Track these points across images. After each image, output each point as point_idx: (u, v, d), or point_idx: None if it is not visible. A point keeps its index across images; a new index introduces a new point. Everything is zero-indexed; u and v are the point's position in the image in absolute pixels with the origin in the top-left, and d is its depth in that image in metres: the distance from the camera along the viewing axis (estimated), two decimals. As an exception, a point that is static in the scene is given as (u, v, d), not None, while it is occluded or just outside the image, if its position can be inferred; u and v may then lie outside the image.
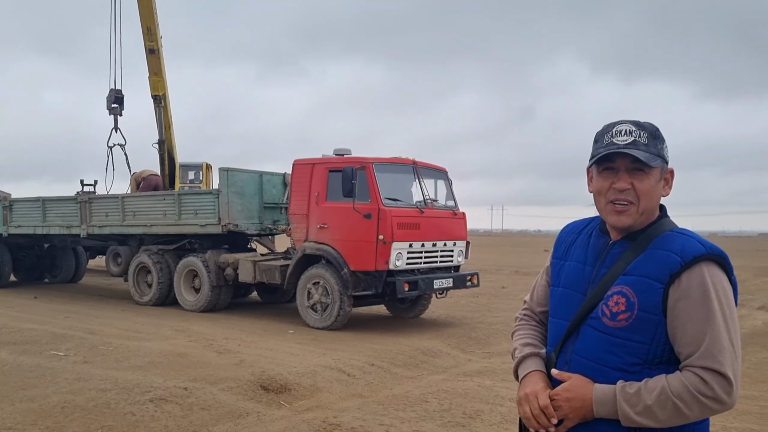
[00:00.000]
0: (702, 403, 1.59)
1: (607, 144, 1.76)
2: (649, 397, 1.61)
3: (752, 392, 6.27)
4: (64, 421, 4.98)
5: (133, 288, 12.33)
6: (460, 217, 10.62)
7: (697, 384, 1.59)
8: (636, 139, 1.74)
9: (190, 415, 5.29)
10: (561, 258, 1.96)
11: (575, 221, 2.04)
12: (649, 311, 1.67)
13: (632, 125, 1.76)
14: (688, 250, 1.67)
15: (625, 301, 1.69)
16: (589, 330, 1.76)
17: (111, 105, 15.98)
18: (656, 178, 1.75)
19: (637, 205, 1.74)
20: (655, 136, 1.76)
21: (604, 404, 1.67)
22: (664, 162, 1.77)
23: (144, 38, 15.61)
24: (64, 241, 15.05)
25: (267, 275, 10.54)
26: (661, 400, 1.60)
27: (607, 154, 1.75)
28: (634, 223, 1.76)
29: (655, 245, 1.73)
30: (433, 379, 6.85)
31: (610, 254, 1.81)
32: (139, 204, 12.48)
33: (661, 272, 1.67)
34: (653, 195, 1.76)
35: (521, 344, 1.98)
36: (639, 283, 1.69)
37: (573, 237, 1.96)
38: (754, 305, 13.18)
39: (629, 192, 1.74)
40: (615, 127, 1.78)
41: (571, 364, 1.79)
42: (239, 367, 6.75)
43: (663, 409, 1.60)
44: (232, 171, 11.06)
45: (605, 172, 1.79)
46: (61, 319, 10.06)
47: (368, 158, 9.68)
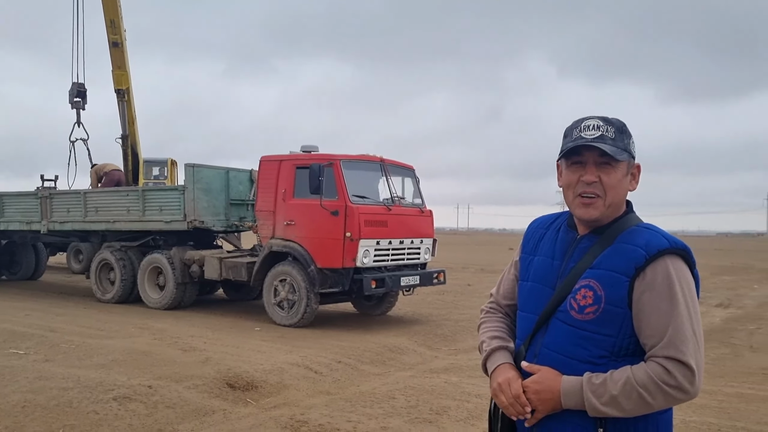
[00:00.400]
0: (666, 393, 1.63)
1: (576, 138, 1.80)
2: (614, 387, 1.65)
3: (710, 387, 6.43)
4: (24, 421, 4.88)
5: (95, 285, 12.11)
6: (427, 214, 10.66)
7: (661, 374, 1.63)
8: (603, 134, 1.78)
9: (154, 413, 5.23)
10: (530, 253, 1.99)
11: (543, 216, 2.07)
12: (616, 304, 1.71)
13: (600, 120, 1.81)
14: (653, 244, 1.72)
15: (593, 295, 1.73)
16: (558, 323, 1.80)
17: (73, 99, 15.70)
18: (623, 172, 1.80)
19: (603, 198, 1.78)
20: (622, 131, 1.81)
21: (572, 396, 1.70)
22: (631, 157, 1.81)
23: (107, 31, 15.36)
24: (23, 237, 14.72)
25: (233, 272, 10.45)
26: (626, 390, 1.64)
27: (575, 147, 1.79)
28: (601, 216, 1.80)
29: (621, 240, 1.77)
30: (400, 376, 6.87)
31: (577, 248, 1.84)
32: (101, 200, 12.26)
33: (627, 266, 1.71)
34: (620, 189, 1.80)
35: (489, 337, 1.99)
36: (606, 276, 1.73)
37: (542, 232, 2.00)
38: (712, 303, 13.54)
39: (596, 185, 1.78)
40: (583, 122, 1.82)
41: (540, 357, 1.82)
42: (205, 364, 6.68)
43: (628, 399, 1.64)
44: (198, 167, 10.93)
45: (574, 166, 1.83)
46: (21, 316, 9.83)
47: (336, 155, 9.66)
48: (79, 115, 15.75)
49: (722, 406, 5.79)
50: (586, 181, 1.79)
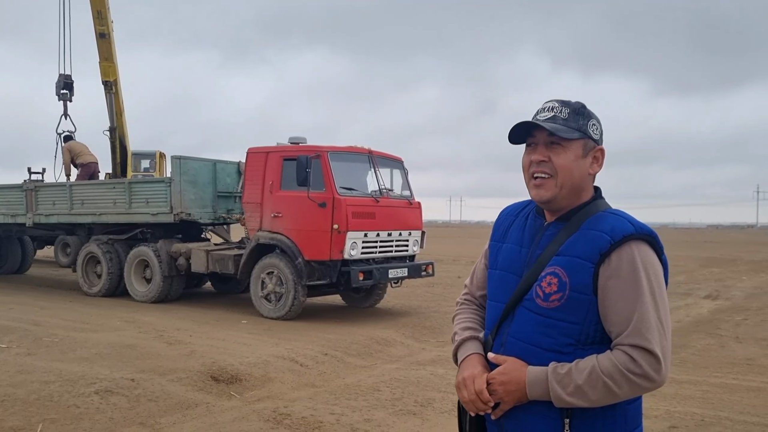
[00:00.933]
0: (631, 381, 1.60)
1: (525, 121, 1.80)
2: (579, 377, 1.61)
3: (695, 377, 6.43)
4: (3, 415, 4.82)
5: (81, 278, 12.01)
6: (416, 206, 10.62)
7: (626, 362, 1.60)
8: (556, 114, 1.76)
9: (136, 406, 5.18)
10: (499, 240, 1.96)
11: (514, 204, 2.04)
12: (580, 291, 1.67)
13: (557, 102, 1.79)
14: (618, 230, 1.68)
15: (557, 282, 1.69)
16: (524, 311, 1.76)
17: (60, 91, 15.54)
18: (576, 153, 1.76)
19: (555, 179, 1.75)
20: (578, 113, 1.78)
21: (537, 386, 1.66)
22: (587, 137, 1.77)
23: (94, 22, 15.22)
24: (8, 230, 14.57)
25: (220, 265, 10.38)
26: (591, 380, 1.60)
27: (518, 126, 1.78)
28: (555, 197, 1.77)
29: (587, 226, 1.73)
30: (386, 368, 6.84)
31: (544, 236, 1.81)
32: (87, 192, 12.15)
33: (592, 252, 1.67)
34: (573, 170, 1.76)
35: (460, 328, 1.97)
36: (570, 263, 1.70)
37: (511, 219, 1.97)
38: (701, 294, 13.57)
39: (546, 165, 1.76)
40: (542, 106, 1.82)
41: (506, 346, 1.78)
42: (190, 357, 6.64)
43: (593, 389, 1.60)
44: (185, 159, 10.84)
45: (528, 148, 1.82)
46: (5, 310, 9.73)
47: (323, 147, 9.59)
48: (66, 108, 15.60)
49: (706, 396, 5.78)
50: (534, 161, 1.78)
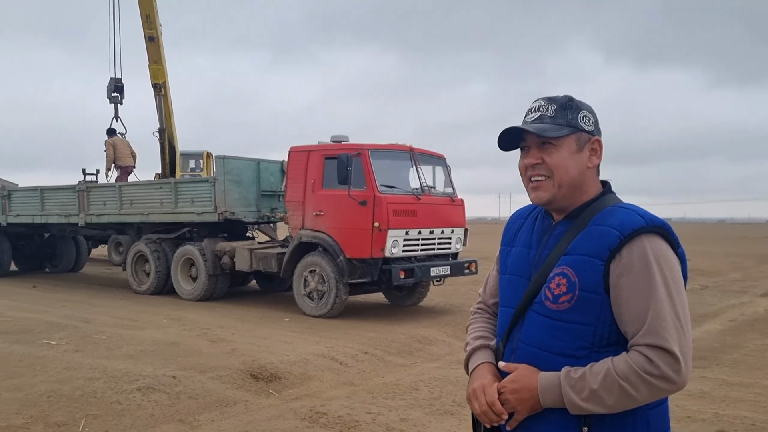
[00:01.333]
0: (650, 384, 1.49)
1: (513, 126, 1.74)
2: (594, 381, 1.52)
3: (747, 379, 6.18)
4: (48, 410, 4.95)
5: (131, 277, 12.30)
6: (458, 204, 10.51)
7: (643, 363, 1.50)
8: (543, 114, 1.70)
9: (176, 403, 5.25)
10: (508, 244, 1.89)
11: (524, 207, 1.97)
12: (591, 290, 1.58)
13: (543, 101, 1.73)
14: (626, 224, 1.59)
15: (566, 282, 1.61)
16: (534, 315, 1.68)
17: (111, 94, 15.94)
18: (569, 149, 1.69)
19: (552, 179, 1.69)
20: (565, 107, 1.70)
21: (550, 392, 1.58)
22: (578, 131, 1.69)
23: (143, 26, 15.54)
24: (63, 230, 15.04)
25: (263, 263, 10.48)
26: (606, 384, 1.51)
27: (504, 131, 1.73)
28: (554, 197, 1.70)
29: (595, 222, 1.65)
30: (426, 367, 6.78)
31: (552, 235, 1.74)
32: (136, 192, 12.43)
33: (601, 248, 1.59)
34: (569, 167, 1.68)
35: (472, 338, 1.90)
36: (578, 261, 1.61)
37: (520, 222, 1.89)
38: (757, 292, 13.09)
39: (541, 167, 1.70)
40: (530, 107, 1.76)
41: (518, 352, 1.71)
42: (231, 355, 6.70)
43: (609, 393, 1.51)
44: (229, 159, 10.98)
45: (522, 152, 1.76)
46: (58, 308, 10.04)
47: (364, 145, 9.58)
48: (117, 110, 15.99)
49: (758, 399, 5.54)
50: (528, 165, 1.72)
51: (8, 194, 14.79)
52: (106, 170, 15.19)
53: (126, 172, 15.23)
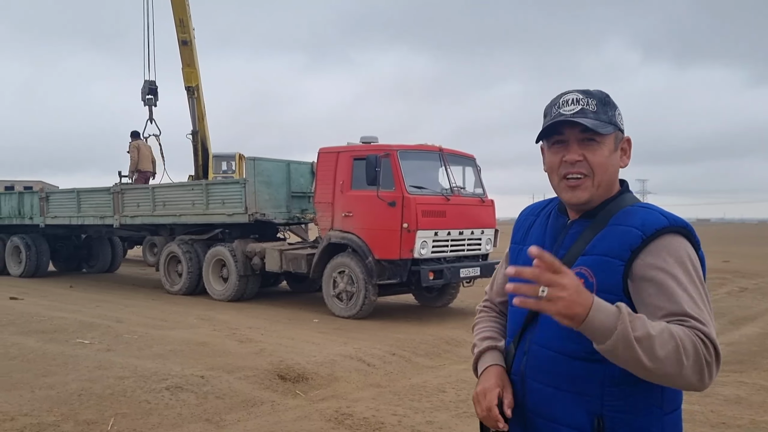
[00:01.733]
0: (699, 362, 1.38)
1: (555, 116, 1.63)
2: (653, 327, 1.38)
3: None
4: (79, 409, 5.02)
5: (164, 277, 12.47)
6: (489, 204, 10.43)
7: (700, 343, 1.39)
8: (584, 107, 1.61)
9: (204, 403, 5.29)
10: (519, 242, 1.82)
11: (534, 203, 1.91)
12: (610, 291, 1.52)
13: (580, 93, 1.64)
14: (649, 224, 1.53)
15: (583, 283, 1.54)
16: (548, 317, 1.62)
17: (146, 96, 16.16)
18: (610, 147, 1.62)
19: (592, 178, 1.61)
20: (604, 103, 1.63)
21: (604, 311, 1.39)
22: (618, 129, 1.63)
23: (176, 30, 15.72)
24: (98, 231, 15.32)
25: (293, 264, 10.52)
26: (664, 337, 1.37)
27: (553, 124, 1.62)
28: (592, 197, 1.62)
29: (615, 221, 1.59)
30: (454, 369, 6.72)
31: (568, 234, 1.67)
32: (168, 194, 12.60)
33: (621, 249, 1.53)
34: (608, 166, 1.62)
35: (479, 339, 1.85)
36: (598, 262, 1.55)
37: (531, 219, 1.83)
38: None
39: (582, 164, 1.61)
40: (562, 98, 1.65)
41: (530, 354, 1.66)
42: (258, 356, 6.73)
43: (663, 346, 1.37)
44: (259, 160, 11.07)
45: (555, 146, 1.66)
46: (92, 307, 10.21)
47: (393, 146, 9.56)
48: (151, 112, 16.20)
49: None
50: (569, 161, 1.61)
51: (47, 196, 15.13)
52: (129, 172, 15.45)
53: (144, 177, 15.47)
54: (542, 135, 1.67)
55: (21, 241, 15.43)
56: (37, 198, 15.24)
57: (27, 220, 15.51)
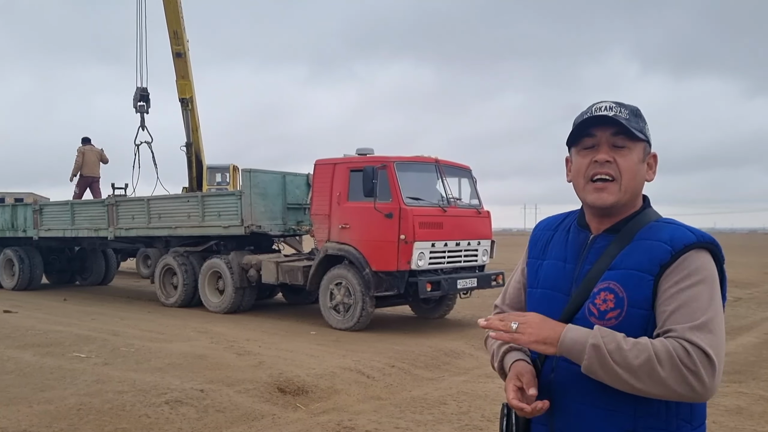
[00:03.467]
0: (680, 373, 1.40)
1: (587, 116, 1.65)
2: (625, 341, 1.45)
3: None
4: (78, 424, 4.97)
5: (159, 290, 12.40)
6: (485, 215, 10.44)
7: (680, 353, 1.41)
8: (616, 114, 1.62)
9: (204, 417, 5.25)
10: (538, 257, 1.82)
11: (549, 217, 1.90)
12: (640, 306, 1.53)
13: (613, 103, 1.65)
14: (678, 239, 1.55)
15: (614, 298, 1.55)
16: None
17: (137, 103, 16.13)
18: (639, 155, 1.63)
19: (619, 182, 1.61)
20: (636, 115, 1.65)
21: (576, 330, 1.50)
22: (647, 142, 1.65)
23: (171, 42, 15.71)
24: (93, 243, 15.23)
25: (290, 276, 10.49)
26: (638, 348, 1.43)
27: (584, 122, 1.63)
28: (617, 202, 1.62)
29: (641, 236, 1.60)
30: (454, 381, 6.71)
31: (592, 249, 1.67)
32: (163, 206, 12.54)
33: (651, 263, 1.54)
34: (636, 174, 1.63)
35: (498, 345, 1.82)
36: (627, 276, 1.56)
37: (549, 234, 1.83)
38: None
39: (611, 166, 1.61)
40: (595, 105, 1.67)
41: (558, 370, 1.65)
42: (258, 368, 6.70)
43: (637, 357, 1.42)
44: (255, 172, 11.05)
45: (585, 150, 1.66)
46: (88, 320, 10.14)
47: (389, 157, 9.57)
48: (143, 119, 16.15)
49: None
50: (599, 161, 1.62)
51: (40, 209, 15.05)
52: (71, 175, 16.08)
53: (87, 182, 16.10)
54: (574, 135, 1.67)
55: (14, 253, 15.33)
56: (30, 210, 15.16)
57: (20, 233, 15.41)
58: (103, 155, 16.48)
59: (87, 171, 16.12)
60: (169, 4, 14.77)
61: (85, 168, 16.07)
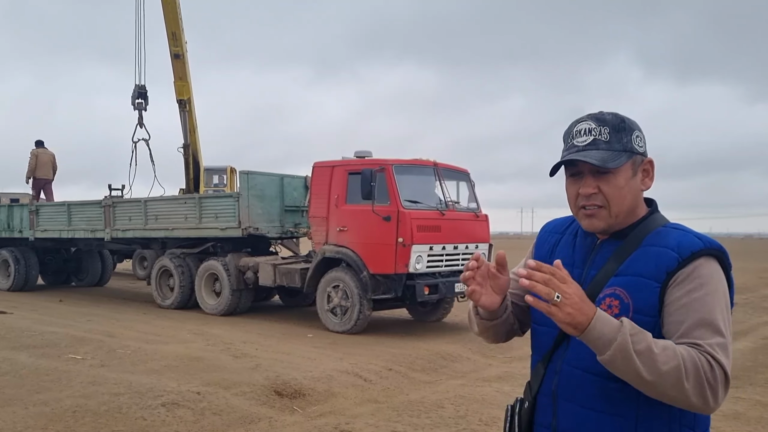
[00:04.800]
0: (701, 383, 1.39)
1: (569, 147, 1.64)
2: (655, 344, 1.42)
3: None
4: (74, 426, 4.95)
5: (155, 291, 12.36)
6: (483, 219, 10.45)
7: (706, 366, 1.40)
8: (596, 138, 1.60)
9: (201, 420, 5.23)
10: (545, 259, 1.77)
11: (556, 219, 1.89)
12: (645, 313, 1.52)
13: (592, 122, 1.62)
14: (685, 246, 1.53)
15: (619, 304, 1.54)
16: None
17: (135, 100, 16.10)
18: (626, 176, 1.60)
19: (608, 209, 1.60)
20: (618, 129, 1.61)
21: (606, 323, 1.43)
22: (633, 154, 1.61)
23: (169, 43, 15.68)
24: (89, 244, 15.18)
25: (287, 278, 10.47)
26: (668, 354, 1.40)
27: (562, 162, 1.63)
28: (609, 226, 1.63)
29: (648, 242, 1.58)
30: (451, 384, 6.70)
31: (599, 254, 1.66)
32: (161, 208, 12.51)
33: (657, 270, 1.53)
34: (625, 195, 1.61)
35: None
36: (633, 283, 1.54)
37: (556, 237, 1.82)
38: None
39: (596, 196, 1.61)
40: (575, 127, 1.65)
41: (561, 374, 1.64)
42: (254, 371, 6.68)
43: (666, 362, 1.39)
44: (252, 174, 11.03)
45: (572, 178, 1.66)
46: (83, 322, 10.10)
47: (388, 160, 9.56)
48: (141, 116, 16.11)
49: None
50: (584, 194, 1.62)
51: (36, 209, 14.99)
52: (26, 178, 16.34)
53: (40, 184, 16.31)
54: (553, 172, 1.68)
55: (10, 254, 15.27)
56: (26, 211, 15.11)
57: (16, 233, 15.37)
58: (54, 161, 16.69)
59: (40, 173, 16.31)
60: (168, 6, 14.75)
61: (39, 170, 16.26)
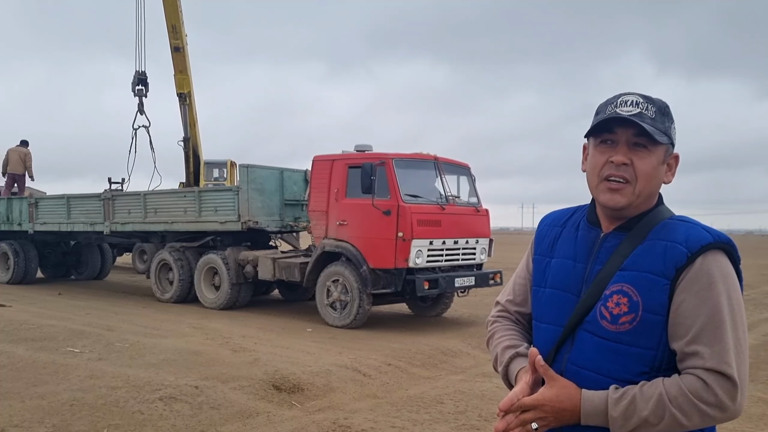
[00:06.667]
0: (702, 412, 1.39)
1: (610, 114, 1.55)
2: (644, 407, 1.41)
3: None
4: (71, 419, 4.91)
5: (155, 285, 12.33)
6: (483, 214, 10.40)
7: (699, 390, 1.39)
8: (642, 112, 1.53)
9: (198, 414, 5.19)
10: (545, 254, 1.73)
11: (555, 212, 1.81)
12: (655, 312, 1.46)
13: (640, 97, 1.56)
14: (693, 239, 1.48)
15: (628, 301, 1.48)
16: (586, 336, 1.54)
17: (136, 87, 16.03)
18: (659, 158, 1.55)
19: (633, 186, 1.53)
20: (664, 113, 1.55)
21: (595, 417, 1.46)
22: (670, 143, 1.56)
23: (169, 36, 15.61)
24: (88, 238, 15.16)
25: (286, 273, 10.43)
26: (658, 411, 1.40)
27: (607, 120, 1.54)
28: (629, 205, 1.55)
29: (655, 236, 1.52)
30: (451, 380, 6.66)
31: (603, 248, 1.59)
32: (160, 201, 12.46)
33: (666, 266, 1.47)
34: (653, 177, 1.55)
35: (502, 348, 1.74)
36: (641, 279, 1.48)
37: (557, 230, 1.74)
38: (790, 306, 12.74)
39: (627, 169, 1.53)
40: (621, 98, 1.57)
41: (566, 374, 1.56)
42: (253, 365, 6.64)
43: (660, 420, 1.40)
44: (252, 167, 10.98)
45: (602, 145, 1.58)
46: (82, 315, 10.07)
47: (388, 154, 9.51)
48: (141, 103, 16.05)
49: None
50: (615, 162, 1.53)
51: (35, 202, 14.96)
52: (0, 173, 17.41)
53: (12, 178, 17.23)
54: (593, 130, 1.58)
55: (9, 247, 15.22)
56: (26, 204, 15.07)
57: (15, 226, 15.32)
58: (24, 158, 17.24)
59: (11, 168, 17.18)
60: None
61: (11, 166, 17.12)
